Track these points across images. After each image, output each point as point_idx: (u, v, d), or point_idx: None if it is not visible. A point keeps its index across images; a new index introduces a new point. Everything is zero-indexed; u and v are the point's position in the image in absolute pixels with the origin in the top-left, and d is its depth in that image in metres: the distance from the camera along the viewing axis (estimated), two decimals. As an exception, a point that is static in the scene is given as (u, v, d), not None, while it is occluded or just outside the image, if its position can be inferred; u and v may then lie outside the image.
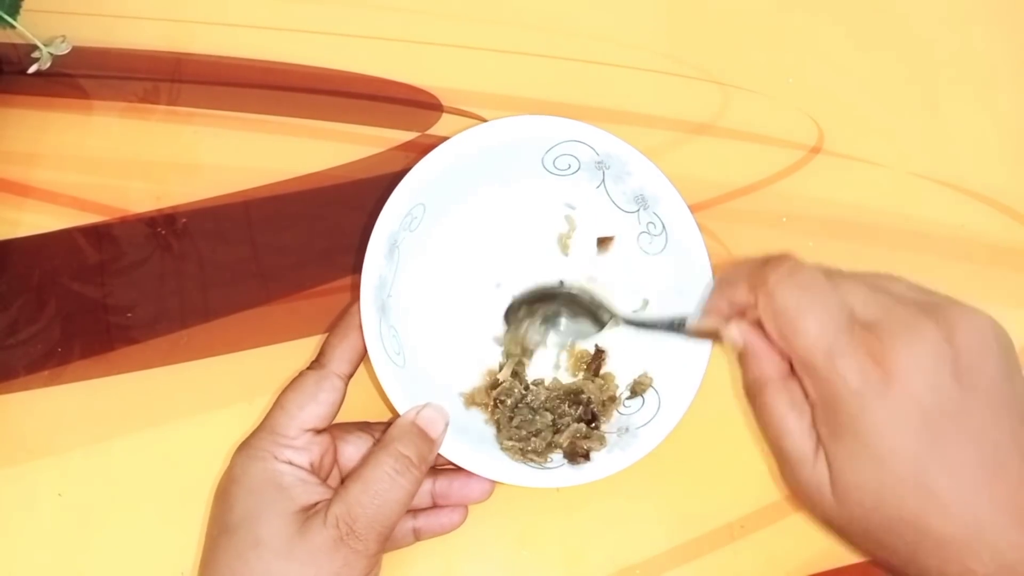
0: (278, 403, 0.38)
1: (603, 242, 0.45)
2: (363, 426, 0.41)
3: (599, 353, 0.44)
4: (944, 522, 0.28)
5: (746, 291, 0.33)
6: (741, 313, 0.34)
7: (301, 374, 0.39)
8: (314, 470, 0.37)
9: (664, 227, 0.42)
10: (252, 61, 0.51)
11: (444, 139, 0.49)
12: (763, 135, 0.51)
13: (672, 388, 0.41)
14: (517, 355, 0.44)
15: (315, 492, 0.36)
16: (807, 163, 0.51)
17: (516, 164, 0.43)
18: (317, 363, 0.39)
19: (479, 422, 0.42)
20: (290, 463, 0.37)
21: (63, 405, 0.44)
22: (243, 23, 0.51)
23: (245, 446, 0.37)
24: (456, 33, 0.52)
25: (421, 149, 0.49)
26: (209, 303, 0.46)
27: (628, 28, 0.53)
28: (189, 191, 0.48)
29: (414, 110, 0.50)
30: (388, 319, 0.40)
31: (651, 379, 0.43)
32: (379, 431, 0.41)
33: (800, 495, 0.32)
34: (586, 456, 0.40)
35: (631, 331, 0.43)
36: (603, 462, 0.39)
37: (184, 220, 0.47)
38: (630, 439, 0.40)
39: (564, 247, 0.45)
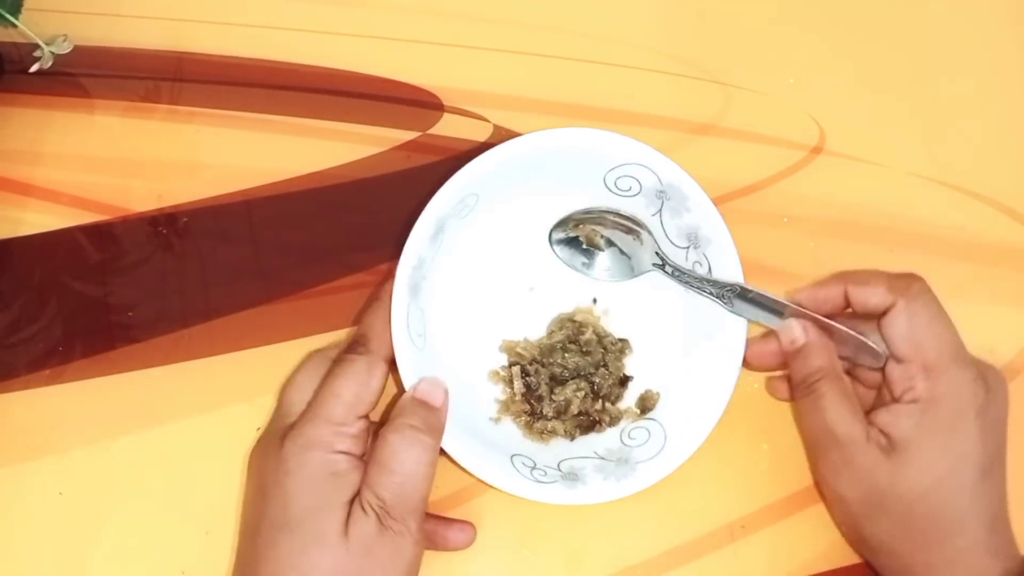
0: (331, 391, 0.37)
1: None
2: None
3: (625, 379, 0.44)
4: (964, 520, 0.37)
5: (884, 292, 0.39)
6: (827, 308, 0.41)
7: (348, 360, 0.38)
8: (363, 456, 0.37)
9: (710, 270, 0.42)
10: (253, 60, 0.51)
11: (445, 139, 0.50)
12: (764, 135, 0.51)
13: (680, 429, 0.40)
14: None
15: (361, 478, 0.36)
16: (808, 163, 0.51)
17: (578, 175, 0.43)
18: (363, 348, 0.38)
19: (483, 421, 0.42)
20: (347, 452, 0.36)
21: (64, 404, 0.44)
22: (245, 22, 0.52)
23: (298, 437, 0.36)
24: (457, 33, 0.52)
25: (422, 149, 0.49)
26: (210, 302, 0.46)
27: (630, 28, 0.53)
28: (190, 190, 0.48)
29: (415, 110, 0.50)
30: (418, 300, 0.40)
31: (658, 396, 0.43)
32: None
33: (845, 473, 0.38)
34: (593, 426, 0.42)
35: (672, 284, 0.42)
36: (596, 488, 0.39)
37: (185, 219, 0.47)
38: (627, 471, 0.40)
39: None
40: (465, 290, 0.44)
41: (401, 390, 0.39)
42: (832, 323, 0.40)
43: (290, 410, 0.38)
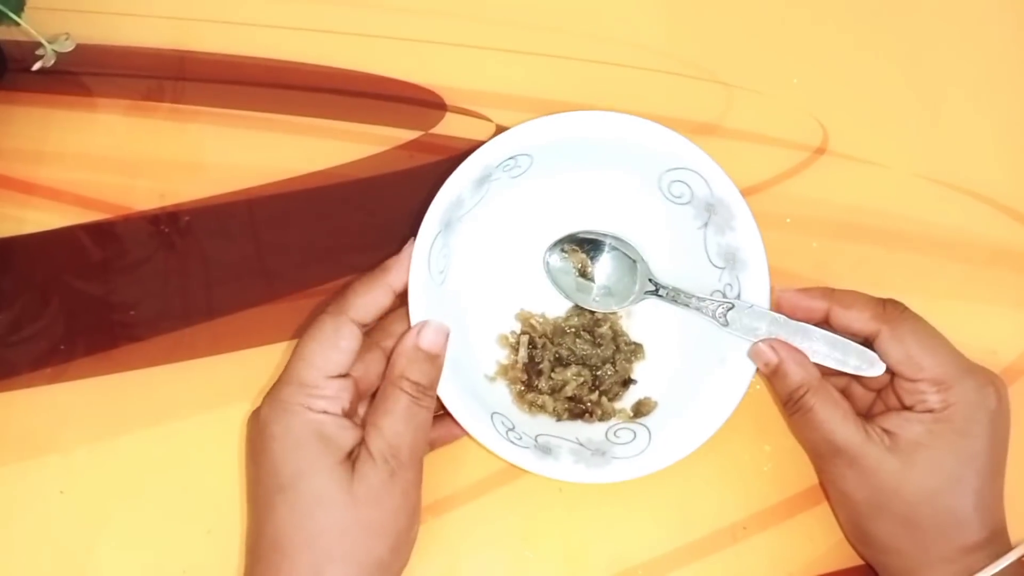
0: (298, 354, 0.37)
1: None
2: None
3: (629, 381, 0.44)
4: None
5: (868, 318, 0.39)
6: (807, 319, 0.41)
7: (319, 320, 0.38)
8: (347, 415, 0.37)
9: (740, 294, 0.41)
10: (256, 59, 0.51)
11: (447, 138, 0.50)
12: (768, 136, 0.51)
13: (666, 438, 0.40)
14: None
15: (353, 434, 0.36)
16: (811, 164, 0.51)
17: (635, 167, 0.42)
18: (336, 307, 0.38)
19: (478, 376, 0.43)
20: (326, 412, 0.36)
21: (66, 402, 0.44)
22: (247, 21, 0.52)
23: (273, 401, 0.36)
24: (460, 32, 0.52)
25: (424, 148, 0.49)
26: (212, 301, 0.46)
27: (633, 28, 0.53)
28: (193, 189, 0.48)
29: (418, 109, 0.50)
30: (448, 237, 0.41)
31: (655, 404, 0.43)
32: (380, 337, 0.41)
33: (851, 475, 0.38)
34: (582, 415, 0.42)
35: (665, 305, 0.42)
36: (566, 467, 0.39)
37: (188, 218, 0.47)
38: (602, 462, 0.39)
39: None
40: (497, 248, 0.44)
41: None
42: (835, 335, 0.40)
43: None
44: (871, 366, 0.39)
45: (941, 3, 0.55)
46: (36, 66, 0.48)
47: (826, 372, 0.40)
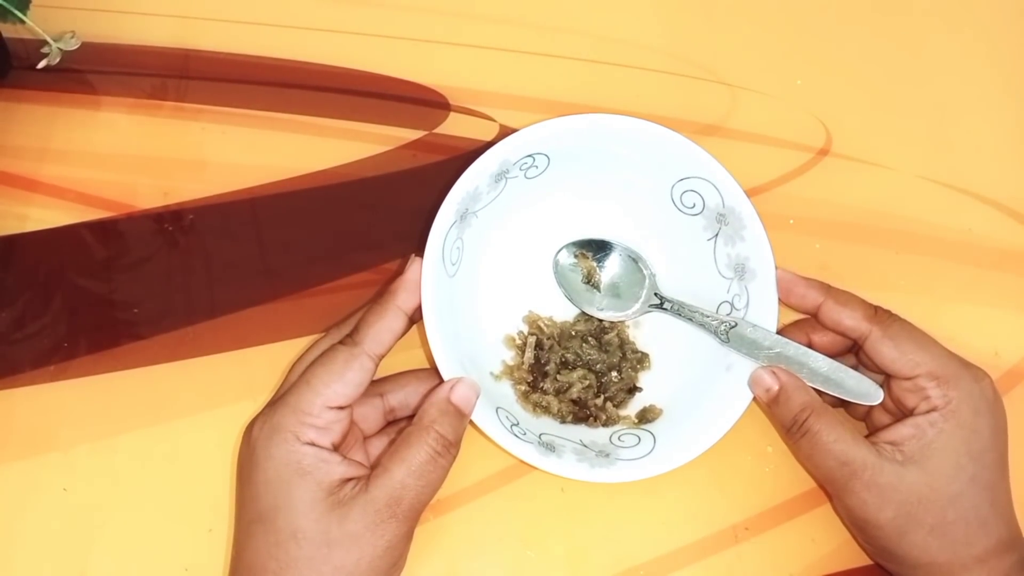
0: (304, 378, 0.37)
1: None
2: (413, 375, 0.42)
3: (634, 389, 0.44)
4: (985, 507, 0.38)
5: (860, 318, 0.39)
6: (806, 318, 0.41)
7: (332, 349, 0.38)
8: (335, 448, 0.37)
9: (748, 304, 0.41)
10: (260, 58, 0.51)
11: (451, 138, 0.50)
12: (771, 137, 0.51)
13: (671, 443, 0.40)
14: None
15: (337, 469, 0.36)
16: (815, 165, 0.51)
17: (649, 176, 0.43)
18: (350, 339, 0.38)
19: (483, 373, 0.42)
20: (312, 444, 0.36)
21: (68, 400, 0.44)
22: (251, 20, 0.52)
23: (265, 423, 0.36)
24: (464, 32, 0.52)
25: (428, 148, 0.49)
26: (215, 300, 0.46)
27: (637, 29, 0.53)
28: (196, 188, 0.48)
29: (422, 109, 0.50)
30: (463, 230, 0.41)
31: (661, 411, 0.43)
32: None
33: (871, 498, 0.37)
34: (587, 419, 0.42)
35: (667, 317, 0.43)
36: (569, 464, 0.39)
37: (191, 217, 0.47)
38: (606, 463, 0.39)
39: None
40: (509, 250, 0.44)
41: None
42: (836, 361, 0.40)
43: (281, 390, 0.39)
44: (870, 394, 0.39)
45: (945, 4, 0.55)
46: (41, 64, 0.48)
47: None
